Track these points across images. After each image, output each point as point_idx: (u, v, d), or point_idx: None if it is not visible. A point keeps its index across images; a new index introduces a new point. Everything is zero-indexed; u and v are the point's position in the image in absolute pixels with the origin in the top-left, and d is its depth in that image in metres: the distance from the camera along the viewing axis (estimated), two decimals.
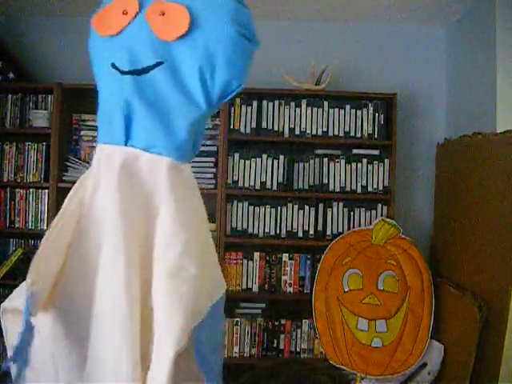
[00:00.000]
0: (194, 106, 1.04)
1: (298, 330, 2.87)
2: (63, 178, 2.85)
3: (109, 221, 1.03)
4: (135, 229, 1.03)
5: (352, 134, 2.91)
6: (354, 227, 2.87)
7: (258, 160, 2.88)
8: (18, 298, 1.09)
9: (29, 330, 1.00)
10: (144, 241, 1.03)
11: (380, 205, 2.90)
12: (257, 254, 2.90)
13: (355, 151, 2.93)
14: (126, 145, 1.05)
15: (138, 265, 1.02)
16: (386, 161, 2.90)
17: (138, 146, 1.04)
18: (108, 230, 1.03)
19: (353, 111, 2.91)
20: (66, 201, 1.11)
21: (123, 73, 1.04)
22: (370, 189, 2.90)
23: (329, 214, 2.90)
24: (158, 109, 1.04)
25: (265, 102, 2.90)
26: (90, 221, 1.07)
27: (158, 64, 1.03)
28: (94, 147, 1.14)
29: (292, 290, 2.90)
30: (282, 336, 2.87)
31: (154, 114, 1.03)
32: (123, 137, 1.05)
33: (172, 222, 1.02)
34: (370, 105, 2.92)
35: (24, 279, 1.05)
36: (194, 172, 1.13)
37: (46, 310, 1.07)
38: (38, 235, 2.93)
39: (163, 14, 1.02)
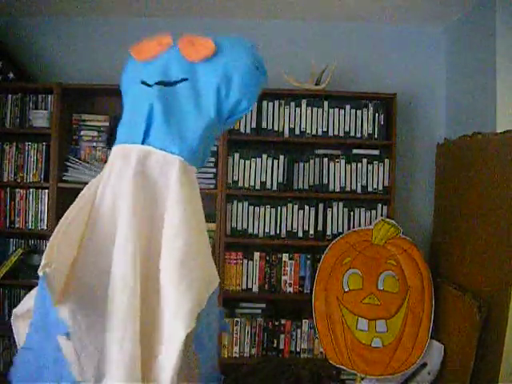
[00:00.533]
0: (207, 117, 1.21)
1: (298, 330, 2.87)
2: (63, 178, 2.85)
3: (122, 211, 1.14)
4: (144, 219, 1.15)
5: (352, 134, 2.91)
6: (354, 227, 2.87)
7: (258, 160, 2.88)
8: (29, 299, 1.17)
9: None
10: (151, 230, 1.15)
11: (380, 205, 2.90)
12: (257, 254, 2.90)
13: (355, 151, 2.93)
14: (143, 143, 1.19)
15: (144, 252, 1.13)
16: (386, 161, 2.90)
17: (153, 145, 1.18)
18: (121, 219, 1.14)
19: (353, 111, 2.91)
20: (80, 194, 1.23)
21: (151, 85, 1.22)
22: (370, 189, 2.90)
23: (329, 214, 2.90)
24: (176, 115, 1.20)
25: (265, 102, 2.90)
26: (102, 213, 1.19)
27: (183, 80, 1.23)
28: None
29: (292, 290, 2.90)
30: (282, 336, 2.87)
31: (172, 119, 1.19)
32: (141, 137, 1.19)
33: (181, 214, 1.14)
34: (369, 105, 2.91)
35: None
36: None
37: (63, 303, 1.15)
38: (38, 235, 2.93)
39: (192, 43, 1.25)
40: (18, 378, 1.14)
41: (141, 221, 1.14)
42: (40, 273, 1.09)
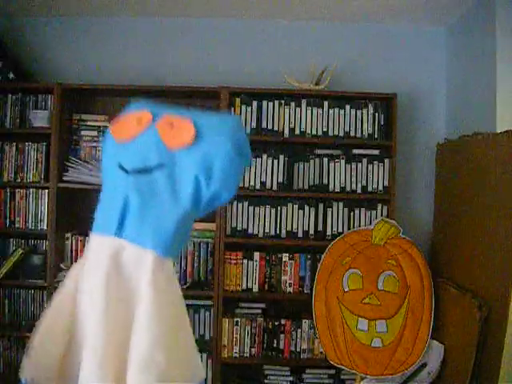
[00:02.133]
0: (182, 208, 1.16)
1: (298, 330, 2.87)
2: (63, 178, 2.85)
3: (93, 310, 1.12)
4: (117, 317, 1.12)
5: (352, 134, 2.90)
6: (354, 227, 2.87)
7: (258, 160, 2.88)
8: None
9: None
10: (124, 329, 1.12)
11: (380, 205, 2.90)
12: (257, 254, 2.90)
13: (355, 151, 2.92)
14: (117, 236, 1.16)
15: (117, 350, 1.10)
16: (386, 161, 2.90)
17: (127, 238, 1.16)
18: (91, 318, 1.12)
19: (353, 111, 2.91)
20: (63, 286, 1.21)
21: (128, 172, 1.19)
22: (369, 189, 2.90)
23: (329, 214, 2.90)
24: (151, 207, 1.16)
25: (265, 102, 2.90)
26: (81, 309, 1.17)
27: (160, 166, 1.17)
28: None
29: (292, 290, 2.90)
30: (282, 336, 2.87)
31: (148, 211, 1.16)
32: (115, 228, 1.16)
33: (148, 315, 1.10)
34: (370, 105, 2.91)
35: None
36: None
37: None
38: (38, 235, 2.93)
39: (172, 126, 1.18)
40: None
41: (114, 319, 1.12)
42: (22, 379, 1.08)
